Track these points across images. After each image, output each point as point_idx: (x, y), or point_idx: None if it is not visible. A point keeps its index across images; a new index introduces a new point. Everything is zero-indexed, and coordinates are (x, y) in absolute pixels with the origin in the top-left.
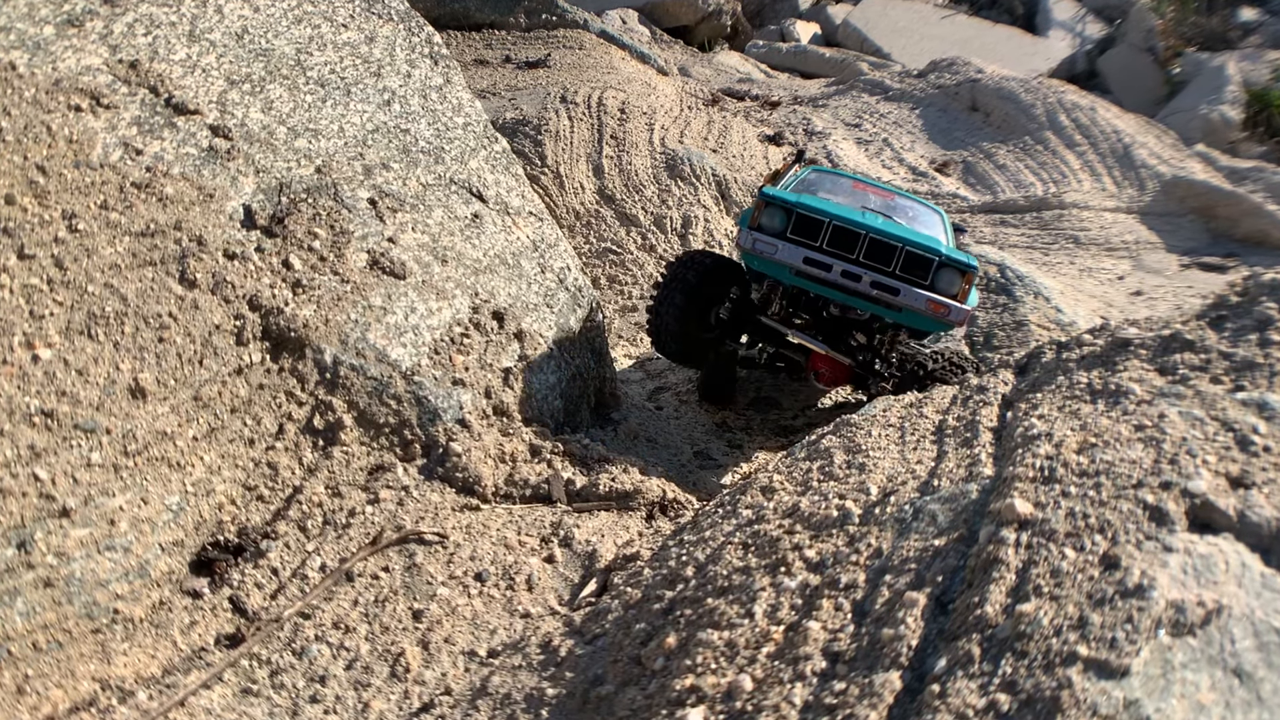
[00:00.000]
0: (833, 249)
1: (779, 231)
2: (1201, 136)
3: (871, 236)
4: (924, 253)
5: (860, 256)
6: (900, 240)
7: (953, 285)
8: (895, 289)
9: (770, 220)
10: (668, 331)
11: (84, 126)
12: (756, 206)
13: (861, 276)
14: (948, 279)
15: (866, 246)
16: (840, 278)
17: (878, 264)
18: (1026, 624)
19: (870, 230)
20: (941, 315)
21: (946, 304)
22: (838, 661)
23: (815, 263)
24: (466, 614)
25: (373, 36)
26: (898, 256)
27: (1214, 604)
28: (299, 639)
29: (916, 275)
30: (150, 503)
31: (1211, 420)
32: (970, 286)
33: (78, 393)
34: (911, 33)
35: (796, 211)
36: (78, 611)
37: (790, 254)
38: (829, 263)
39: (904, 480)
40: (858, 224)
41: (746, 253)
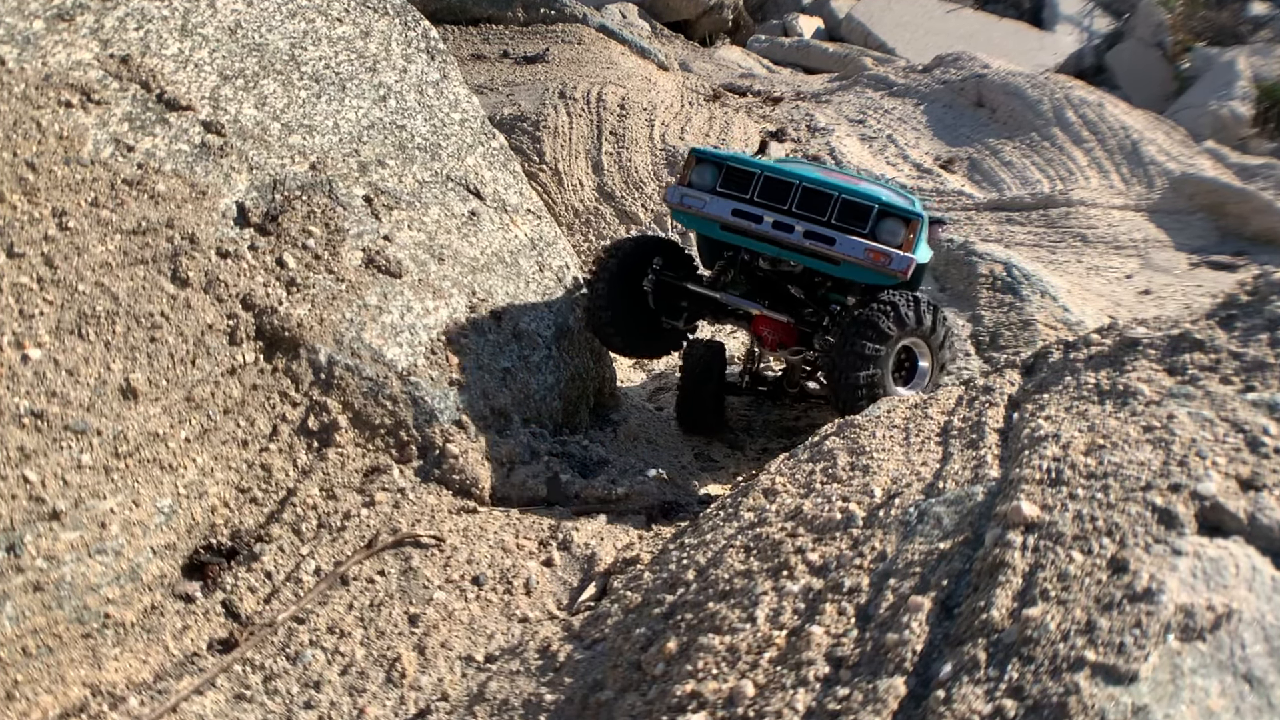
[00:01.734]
0: (764, 200)
1: (709, 187)
2: (1211, 133)
3: (805, 186)
4: (862, 200)
5: (793, 207)
6: (836, 189)
7: (896, 235)
8: (830, 238)
9: (700, 177)
10: (603, 324)
11: (74, 122)
12: (687, 163)
13: (794, 227)
14: (890, 229)
15: (800, 196)
16: (772, 229)
17: (812, 213)
18: (1033, 628)
19: (803, 179)
20: (882, 265)
21: (887, 252)
22: (841, 667)
23: (744, 214)
24: (463, 618)
25: (368, 31)
26: (833, 206)
27: (1224, 608)
28: (293, 644)
29: (855, 225)
30: (142, 505)
31: (1221, 421)
32: (915, 236)
33: (68, 393)
34: (916, 27)
35: (727, 165)
36: (68, 616)
37: (718, 207)
38: (759, 214)
39: (908, 482)
40: (790, 174)
41: (675, 210)
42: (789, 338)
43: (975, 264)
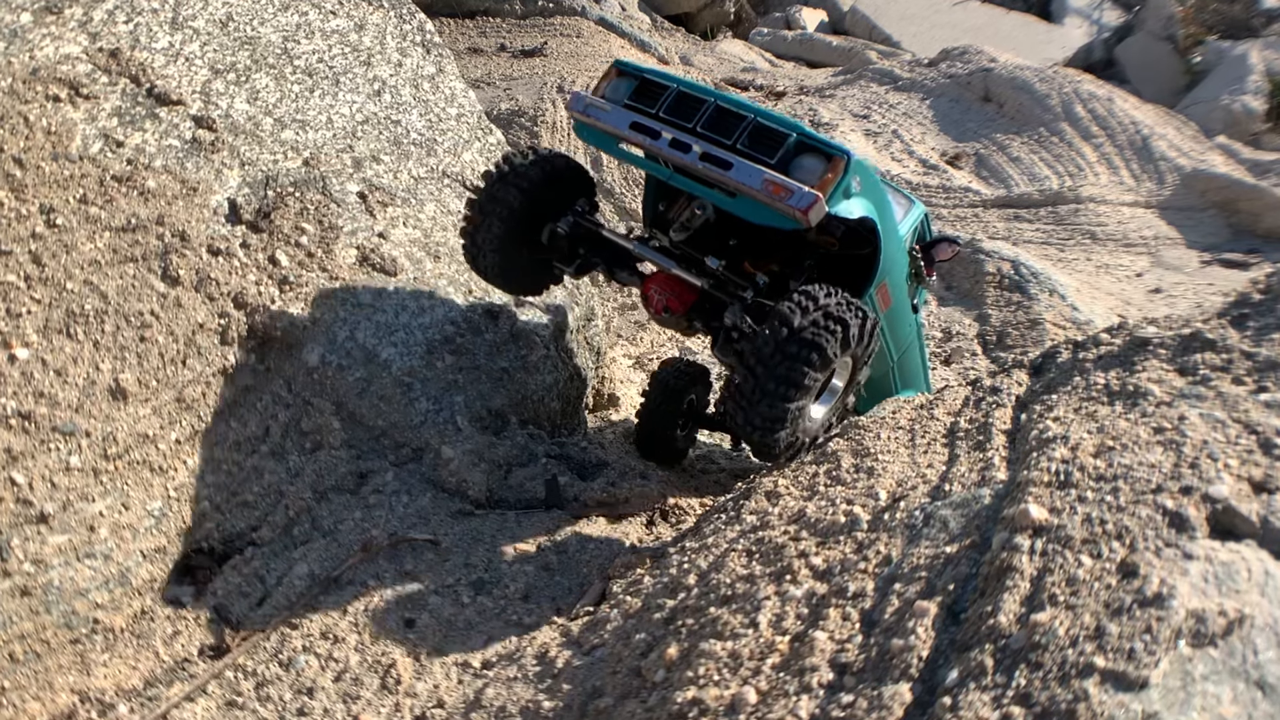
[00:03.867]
0: (669, 117)
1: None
2: (1223, 128)
3: (718, 104)
4: (778, 126)
5: (698, 126)
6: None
7: (813, 174)
8: (727, 162)
9: (615, 90)
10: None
11: (63, 117)
12: (606, 74)
13: (691, 146)
14: (807, 166)
15: (709, 116)
16: (668, 148)
17: (719, 135)
18: (1041, 634)
19: (718, 98)
20: (779, 199)
21: (787, 185)
22: (845, 673)
23: (642, 128)
24: (460, 624)
25: (362, 24)
26: (743, 129)
27: (1236, 613)
28: (286, 649)
29: (763, 154)
30: (131, 508)
31: (1233, 423)
32: (837, 179)
33: (56, 394)
34: (922, 20)
35: (643, 77)
36: (56, 621)
37: (618, 118)
38: (657, 129)
39: (914, 485)
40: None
41: (577, 121)
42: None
43: (982, 262)
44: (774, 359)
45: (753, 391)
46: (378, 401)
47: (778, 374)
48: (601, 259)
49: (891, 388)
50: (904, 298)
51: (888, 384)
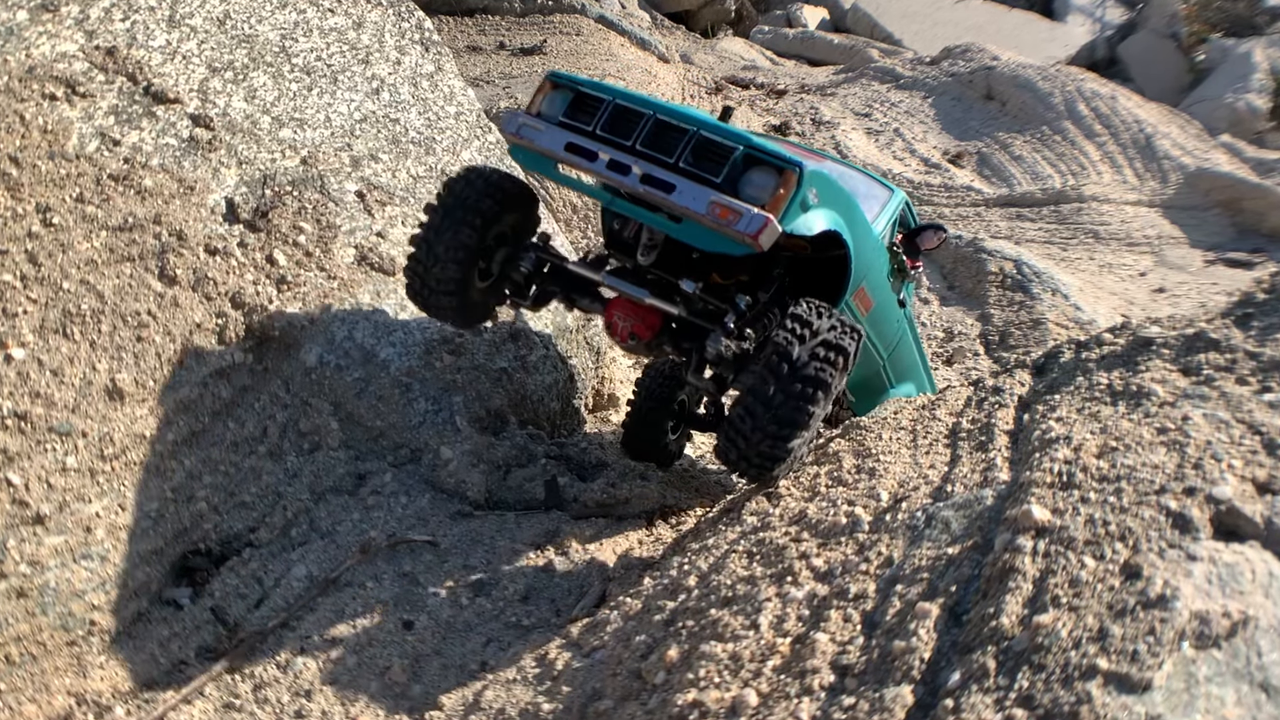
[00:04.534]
0: (608, 134)
1: (555, 117)
2: (1227, 126)
3: (658, 118)
4: (723, 139)
5: (637, 144)
6: (694, 122)
7: (764, 190)
8: (669, 184)
9: (551, 106)
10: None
11: (59, 116)
12: (540, 88)
13: (630, 168)
14: (758, 181)
15: (649, 131)
16: (606, 170)
17: (660, 153)
18: (1044, 636)
19: (658, 109)
20: (728, 223)
21: (735, 208)
22: (847, 675)
23: (578, 149)
24: (458, 625)
25: (361, 22)
26: (685, 144)
27: (1240, 615)
28: (283, 651)
29: (708, 171)
30: (128, 509)
31: (1237, 423)
32: (790, 194)
33: (52, 394)
34: (924, 18)
35: (578, 89)
36: (52, 623)
37: (552, 139)
38: (594, 149)
39: (916, 486)
40: (645, 102)
41: (512, 145)
42: (647, 328)
43: (984, 261)
44: (775, 399)
45: (752, 432)
46: (376, 402)
47: (781, 415)
48: (560, 288)
49: (885, 385)
50: (886, 297)
51: (881, 382)
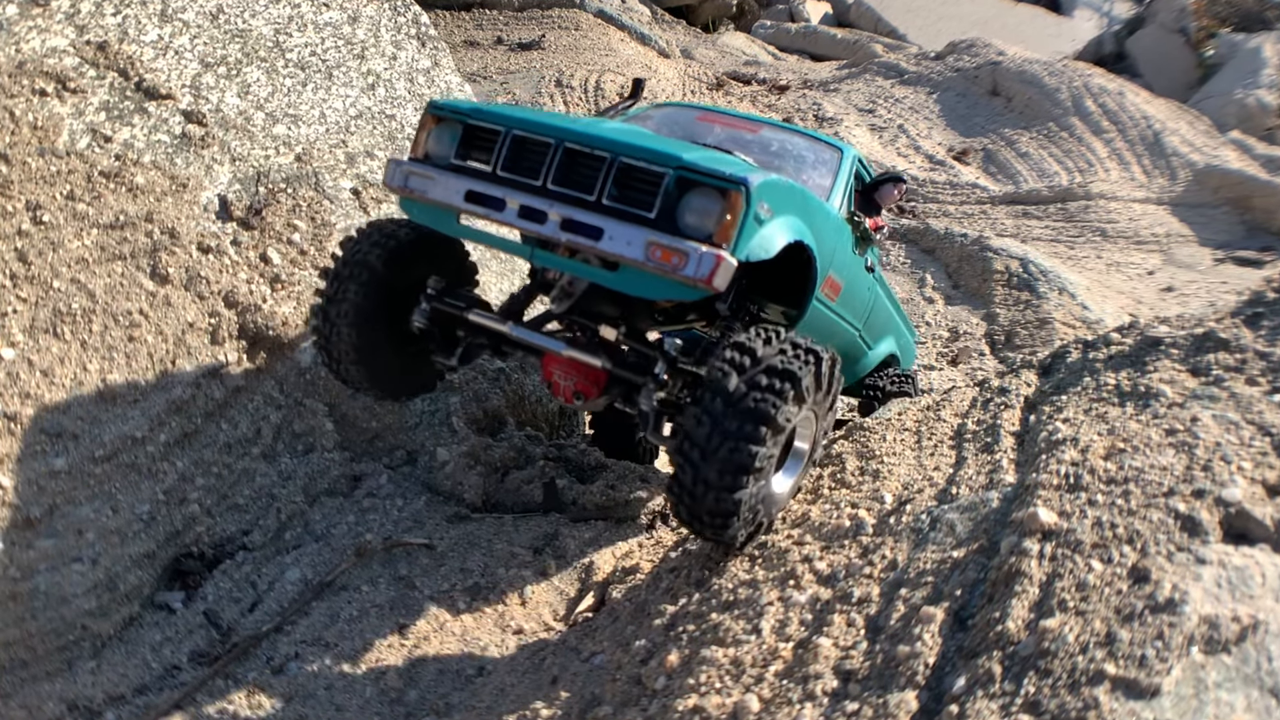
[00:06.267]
0: (511, 174)
1: (446, 158)
2: (1236, 123)
3: (567, 146)
4: (649, 163)
5: (548, 181)
6: (611, 146)
7: (708, 218)
8: (595, 228)
9: (439, 144)
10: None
11: (49, 112)
12: (423, 124)
13: (546, 214)
14: (699, 207)
15: (559, 162)
16: (518, 219)
17: (578, 190)
18: (1051, 641)
19: (566, 137)
20: (673, 268)
21: (678, 249)
22: (850, 680)
23: (482, 198)
24: (455, 629)
25: (356, 16)
26: (606, 173)
27: (1250, 619)
28: (277, 656)
29: (638, 205)
30: (120, 512)
31: (1247, 424)
32: (739, 218)
33: (43, 395)
34: (928, 12)
35: (467, 122)
36: (43, 627)
37: (448, 188)
38: (500, 196)
39: (920, 488)
40: (550, 129)
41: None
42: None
43: (990, 260)
44: (712, 443)
45: (694, 485)
46: (371, 403)
47: (720, 461)
48: (485, 339)
49: (863, 352)
50: (854, 273)
51: (858, 351)
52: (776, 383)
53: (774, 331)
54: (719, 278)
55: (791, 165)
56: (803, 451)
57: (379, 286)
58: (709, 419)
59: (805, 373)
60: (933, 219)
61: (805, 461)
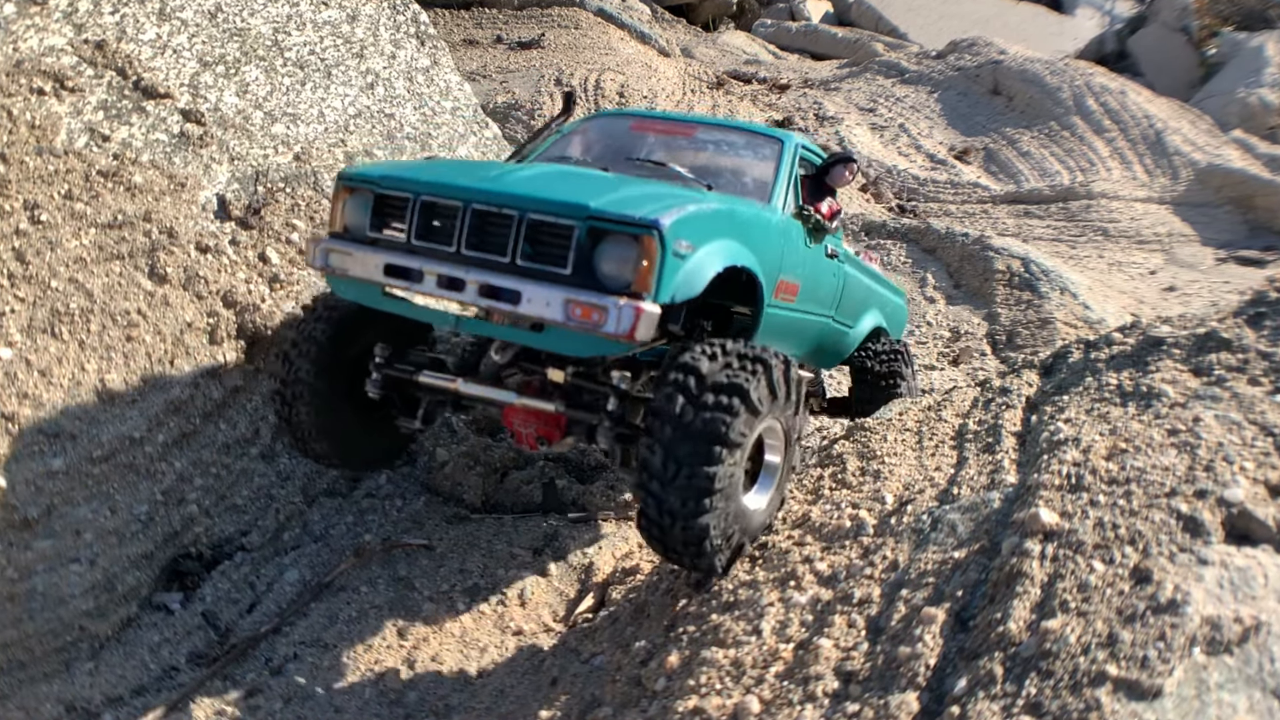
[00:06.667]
0: (426, 242)
1: (363, 231)
2: (1239, 121)
3: (475, 207)
4: (557, 216)
5: (462, 245)
6: (518, 203)
7: (624, 266)
8: (514, 293)
9: (355, 215)
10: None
11: (47, 111)
12: (336, 196)
13: (464, 281)
14: (614, 255)
15: (470, 225)
16: (438, 289)
17: (492, 253)
18: (1052, 642)
19: (474, 197)
20: (593, 325)
21: (596, 305)
22: (851, 681)
23: (400, 271)
24: (455, 631)
25: (355, 15)
26: (516, 232)
27: (1252, 620)
28: (276, 657)
29: (552, 261)
30: (118, 513)
31: (1250, 424)
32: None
33: (40, 395)
34: (929, 11)
35: (377, 191)
36: (40, 628)
37: (367, 264)
38: (417, 267)
39: (921, 488)
40: (457, 190)
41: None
42: (553, 431)
43: (991, 259)
44: (668, 471)
45: (659, 516)
46: None
47: (679, 489)
48: (446, 398)
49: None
50: (812, 267)
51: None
52: (724, 399)
53: (719, 346)
54: (640, 331)
55: (729, 166)
56: (775, 464)
57: (330, 362)
58: (661, 447)
59: (753, 384)
60: (934, 218)
61: (780, 474)
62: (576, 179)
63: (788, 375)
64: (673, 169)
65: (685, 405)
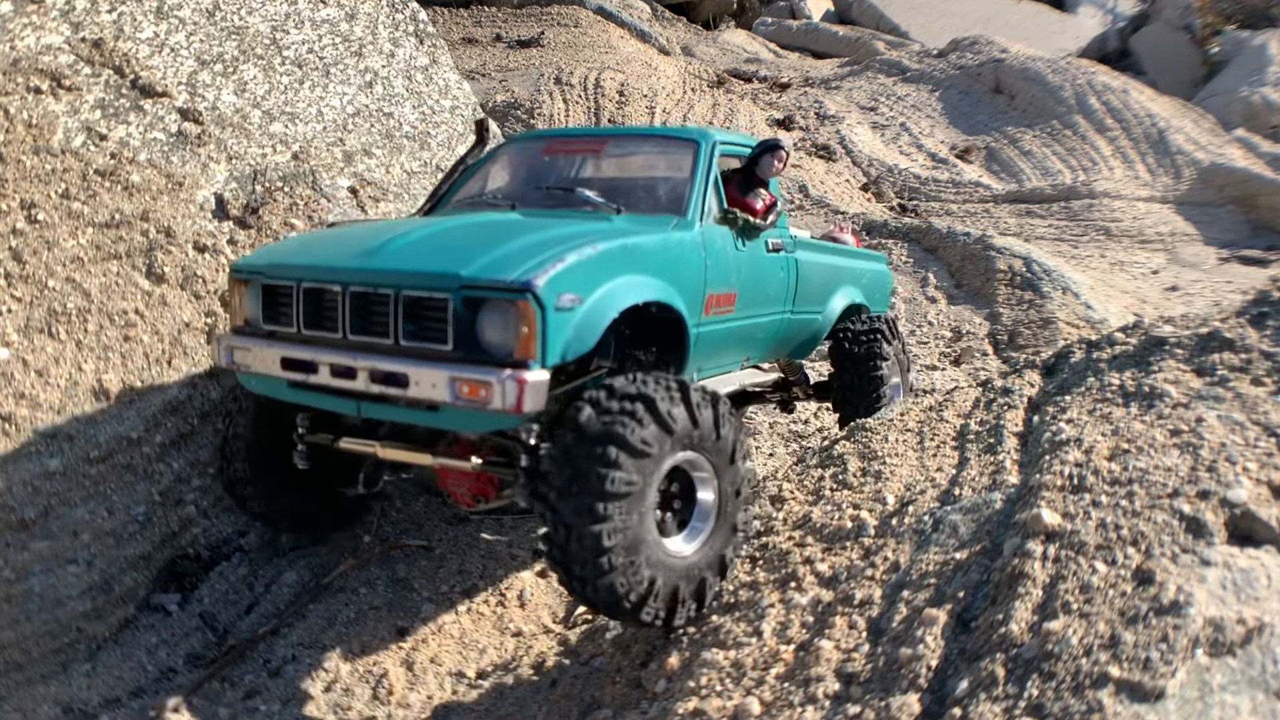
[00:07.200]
0: (316, 330)
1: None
2: (1242, 120)
3: (353, 289)
4: (430, 290)
5: (348, 331)
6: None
7: (505, 334)
8: (402, 377)
9: (251, 307)
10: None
11: (44, 110)
12: (232, 290)
13: (355, 369)
14: (493, 322)
15: (352, 308)
16: (333, 378)
17: (376, 335)
18: (1054, 643)
19: (350, 279)
20: (481, 403)
21: (480, 381)
22: (852, 683)
23: (296, 364)
24: (454, 632)
25: (353, 13)
26: (395, 312)
27: (1255, 622)
28: (274, 658)
29: (435, 338)
30: (115, 513)
31: (1252, 424)
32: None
33: (37, 395)
34: (931, 9)
35: (264, 281)
36: (37, 630)
37: (265, 359)
38: (311, 359)
39: (923, 489)
40: (334, 271)
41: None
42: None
43: (993, 259)
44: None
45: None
46: None
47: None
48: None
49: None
50: (751, 270)
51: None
52: (628, 404)
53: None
54: (528, 403)
55: (642, 180)
56: (709, 506)
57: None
58: (562, 454)
59: (665, 397)
60: (935, 217)
61: (715, 521)
62: (458, 238)
63: (689, 401)
64: (581, 194)
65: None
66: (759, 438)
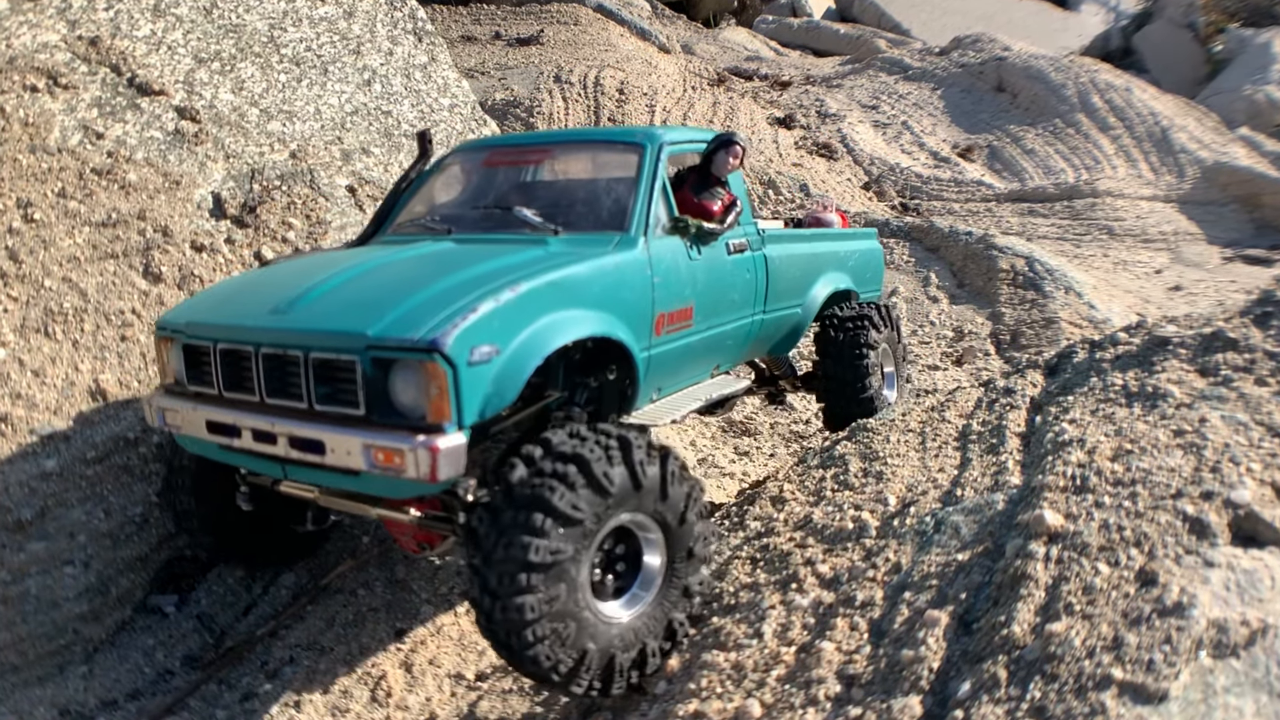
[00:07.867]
0: (235, 392)
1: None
2: (1245, 119)
3: (264, 350)
4: (336, 351)
5: (265, 394)
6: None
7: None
8: (318, 443)
9: (177, 366)
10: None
11: (40, 108)
12: (158, 348)
13: (275, 434)
14: (404, 382)
15: (266, 370)
16: (255, 443)
17: (291, 398)
18: (1057, 645)
19: (261, 339)
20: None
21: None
22: (853, 685)
23: (220, 428)
24: (453, 633)
25: (352, 11)
26: (306, 375)
27: (1259, 623)
28: (272, 660)
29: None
30: (112, 515)
31: (1256, 425)
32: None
33: (34, 395)
34: (933, 7)
35: (184, 341)
36: (34, 631)
37: (192, 420)
38: (233, 423)
39: (924, 490)
40: (246, 331)
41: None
42: (432, 536)
43: (995, 258)
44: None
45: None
46: None
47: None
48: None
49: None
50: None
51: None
52: (559, 466)
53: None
54: (443, 469)
55: (584, 193)
56: (654, 570)
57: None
58: (489, 515)
59: (602, 459)
60: (937, 217)
61: (660, 587)
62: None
63: (630, 460)
64: (520, 214)
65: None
66: (759, 438)
